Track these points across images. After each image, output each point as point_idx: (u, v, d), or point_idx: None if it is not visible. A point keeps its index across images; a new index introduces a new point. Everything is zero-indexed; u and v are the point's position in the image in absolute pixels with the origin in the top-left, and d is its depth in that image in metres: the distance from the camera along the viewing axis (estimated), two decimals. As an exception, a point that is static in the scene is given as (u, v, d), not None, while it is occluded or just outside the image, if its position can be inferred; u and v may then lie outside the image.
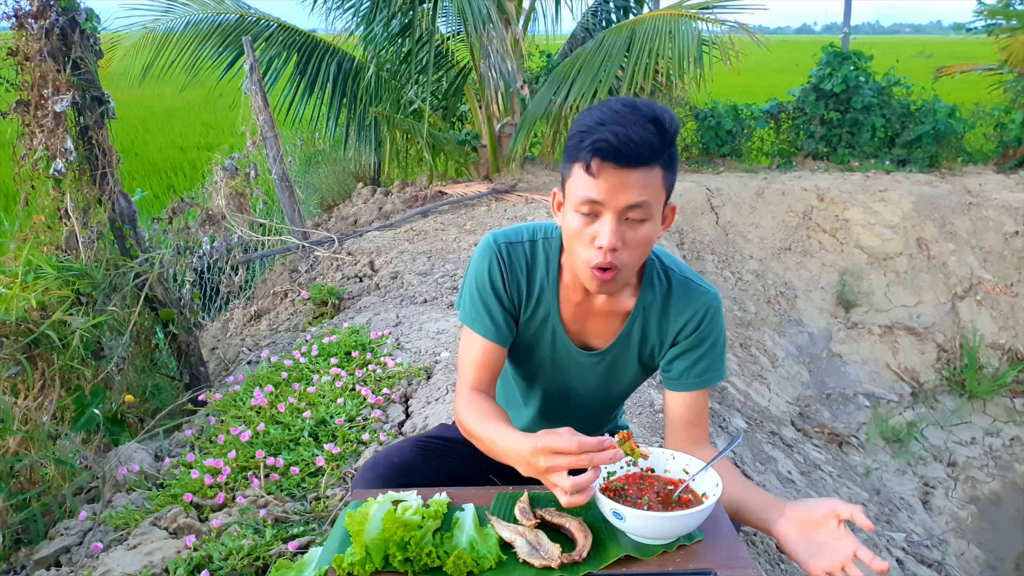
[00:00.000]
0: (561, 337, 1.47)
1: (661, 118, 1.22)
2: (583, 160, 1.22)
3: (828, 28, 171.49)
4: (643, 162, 1.21)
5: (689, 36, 5.70)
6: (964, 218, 6.17)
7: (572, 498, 1.11)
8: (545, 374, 1.54)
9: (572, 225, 1.28)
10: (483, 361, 1.42)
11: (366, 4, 6.18)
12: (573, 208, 1.27)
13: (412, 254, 4.75)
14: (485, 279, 1.42)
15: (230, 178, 4.68)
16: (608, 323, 1.46)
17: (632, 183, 1.21)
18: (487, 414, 1.32)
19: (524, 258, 1.43)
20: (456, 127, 7.48)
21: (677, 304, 1.43)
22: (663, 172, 1.25)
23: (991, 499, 4.64)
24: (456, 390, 1.44)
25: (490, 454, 1.29)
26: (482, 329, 1.42)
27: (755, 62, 6.43)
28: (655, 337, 1.46)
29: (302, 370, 3.07)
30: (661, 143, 1.21)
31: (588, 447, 1.10)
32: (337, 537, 1.18)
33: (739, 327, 5.46)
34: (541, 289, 1.44)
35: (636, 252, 1.28)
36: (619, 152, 1.19)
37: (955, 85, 9.21)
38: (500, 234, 1.44)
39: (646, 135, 1.19)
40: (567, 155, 1.27)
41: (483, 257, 1.42)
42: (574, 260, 1.32)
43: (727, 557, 1.15)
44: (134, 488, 2.28)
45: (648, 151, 1.20)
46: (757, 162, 8.08)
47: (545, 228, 1.46)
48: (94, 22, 3.12)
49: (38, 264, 2.90)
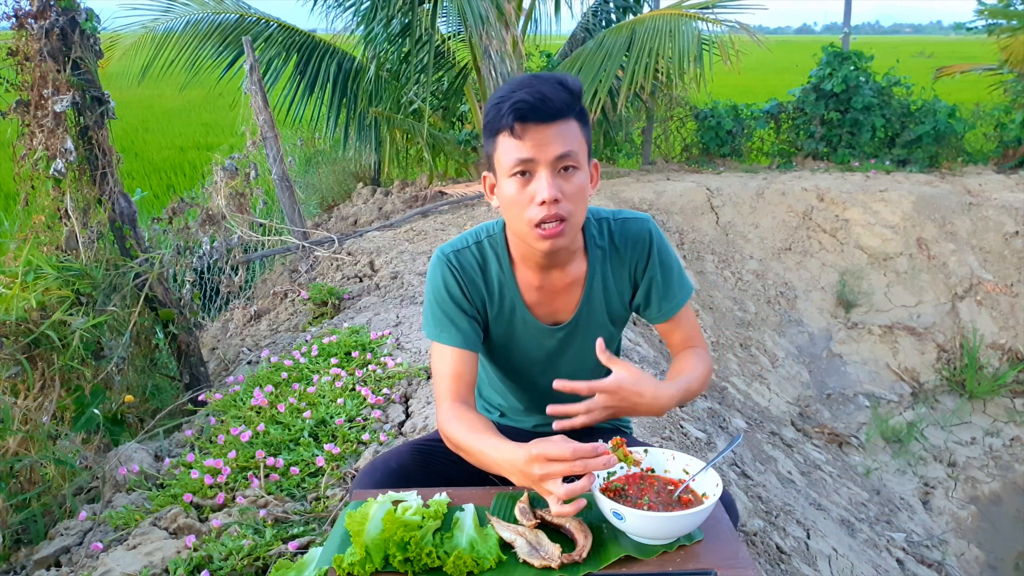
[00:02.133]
0: (532, 323, 1.50)
1: (564, 79, 1.33)
2: (506, 126, 1.29)
3: (828, 28, 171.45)
4: (560, 115, 1.30)
5: (689, 36, 5.70)
6: (964, 218, 6.17)
7: (564, 507, 1.13)
8: (531, 364, 1.56)
9: (509, 192, 1.33)
10: (457, 370, 1.42)
11: (366, 4, 6.19)
12: (507, 175, 1.33)
13: (412, 254, 4.75)
14: (442, 291, 1.44)
15: (230, 178, 4.68)
16: (572, 294, 1.50)
17: (556, 135, 1.30)
18: (474, 426, 1.32)
19: (474, 260, 1.47)
20: (456, 127, 7.48)
21: (623, 243, 1.49)
22: (579, 125, 1.34)
23: (991, 499, 4.64)
24: (436, 405, 1.44)
25: (481, 466, 1.29)
26: (449, 339, 1.43)
27: (755, 62, 6.44)
28: (616, 284, 1.51)
29: (302, 370, 3.07)
30: (571, 97, 1.32)
31: (582, 453, 1.11)
32: (337, 537, 1.18)
33: (739, 327, 5.46)
34: (500, 284, 1.47)
35: (576, 202, 1.33)
36: (537, 108, 1.28)
37: (955, 85, 9.21)
38: (446, 246, 1.48)
39: (556, 91, 1.30)
40: (488, 131, 1.35)
41: (435, 272, 1.46)
42: (519, 228, 1.36)
43: (727, 557, 1.15)
44: (134, 488, 2.28)
45: (563, 104, 1.30)
46: (757, 162, 8.08)
47: (487, 227, 1.50)
48: (94, 22, 3.12)
49: (38, 264, 2.90)
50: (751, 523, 2.71)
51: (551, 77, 1.33)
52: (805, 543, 2.84)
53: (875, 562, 3.14)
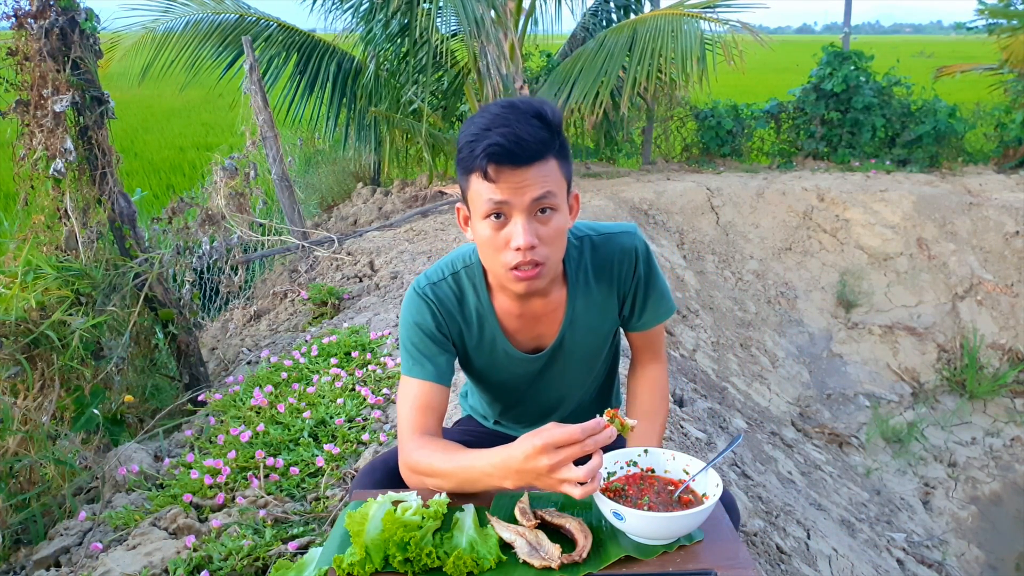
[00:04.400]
0: (513, 353, 1.46)
1: (543, 111, 1.23)
2: (479, 168, 1.21)
3: (828, 28, 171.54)
4: (537, 157, 1.22)
5: (692, 36, 5.69)
6: (964, 218, 6.17)
7: (588, 487, 1.08)
8: (515, 386, 1.54)
9: (484, 234, 1.27)
10: (424, 403, 1.36)
11: (365, 4, 6.19)
12: (481, 217, 1.26)
13: (412, 254, 4.74)
14: (414, 328, 1.39)
15: (230, 178, 4.68)
16: (553, 319, 1.45)
17: (532, 179, 1.22)
18: (447, 448, 1.26)
19: (451, 293, 1.41)
20: (456, 127, 7.48)
21: (608, 259, 1.43)
22: (558, 162, 1.26)
23: (991, 499, 4.64)
24: (399, 441, 1.34)
25: (462, 488, 1.24)
26: (421, 372, 1.37)
27: (756, 62, 6.44)
28: (602, 301, 1.46)
29: (302, 370, 3.07)
30: (550, 135, 1.23)
31: (591, 430, 1.08)
32: (337, 537, 1.18)
33: (739, 327, 5.46)
34: (478, 315, 1.43)
35: (553, 245, 1.28)
36: (512, 152, 1.19)
37: (955, 85, 9.22)
38: (421, 279, 1.43)
39: (533, 130, 1.21)
40: (461, 167, 1.26)
41: (411, 307, 1.40)
42: (494, 268, 1.31)
43: (727, 557, 1.15)
44: (134, 488, 2.28)
45: (539, 145, 1.21)
46: (757, 162, 8.08)
47: (464, 256, 1.44)
48: (94, 22, 3.12)
49: (38, 264, 2.90)
50: (751, 523, 2.71)
51: (529, 109, 1.23)
52: (805, 543, 2.84)
53: (875, 562, 3.14)
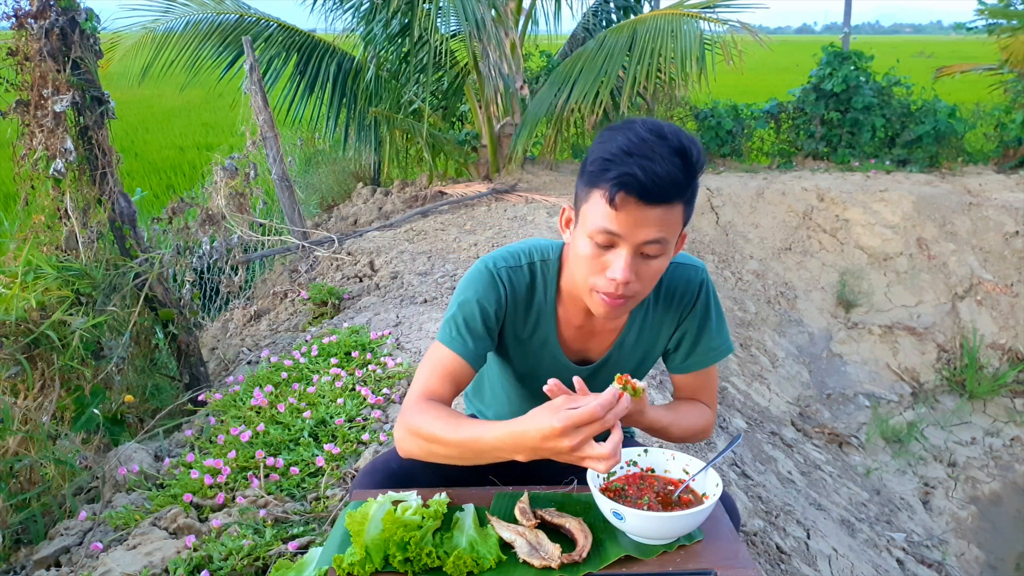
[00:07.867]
0: (561, 359, 1.45)
1: (688, 150, 1.16)
2: (605, 191, 1.16)
3: (828, 28, 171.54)
4: (666, 200, 1.16)
5: (691, 36, 5.69)
6: (964, 218, 6.17)
7: (613, 460, 1.06)
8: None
9: (583, 251, 1.23)
10: (450, 372, 1.32)
11: (365, 4, 6.19)
12: (587, 235, 1.21)
13: (412, 254, 4.74)
14: (475, 304, 1.35)
15: (230, 178, 4.68)
16: (607, 337, 1.45)
17: (653, 219, 1.17)
18: (454, 415, 1.22)
19: (524, 283, 1.38)
20: (456, 127, 7.48)
21: (672, 290, 1.41)
22: (683, 207, 1.20)
23: (991, 499, 4.64)
24: (405, 402, 1.30)
25: (464, 458, 1.19)
26: (461, 347, 1.33)
27: (756, 62, 6.44)
28: (656, 329, 1.44)
29: (302, 370, 3.07)
30: (686, 179, 1.17)
31: (609, 405, 1.07)
32: (337, 537, 1.18)
33: (739, 327, 5.46)
34: (538, 313, 1.40)
35: (647, 284, 1.25)
36: (645, 188, 1.14)
37: (955, 85, 9.21)
38: (498, 258, 1.38)
39: (672, 170, 1.14)
40: (586, 179, 1.21)
41: (479, 282, 1.36)
42: (579, 281, 1.28)
43: (727, 557, 1.15)
44: (134, 488, 2.28)
45: (673, 189, 1.15)
46: (757, 162, 8.08)
47: (541, 250, 1.40)
48: (94, 22, 3.12)
49: (38, 264, 2.90)
50: (751, 523, 2.71)
51: (676, 143, 1.15)
52: (805, 543, 2.84)
53: (875, 562, 3.14)
